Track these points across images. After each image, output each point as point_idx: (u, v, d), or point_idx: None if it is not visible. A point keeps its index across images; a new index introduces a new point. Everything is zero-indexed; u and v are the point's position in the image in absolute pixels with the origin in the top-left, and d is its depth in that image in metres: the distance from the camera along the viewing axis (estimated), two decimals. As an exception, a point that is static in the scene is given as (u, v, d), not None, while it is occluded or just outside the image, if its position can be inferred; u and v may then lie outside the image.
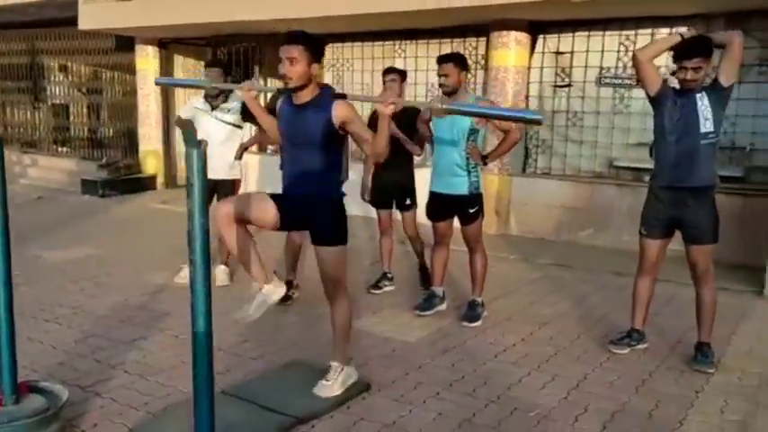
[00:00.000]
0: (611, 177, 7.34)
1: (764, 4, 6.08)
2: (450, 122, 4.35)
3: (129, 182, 10.67)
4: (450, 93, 4.29)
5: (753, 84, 6.39)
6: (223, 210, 3.13)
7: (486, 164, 4.50)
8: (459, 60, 4.36)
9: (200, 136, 5.35)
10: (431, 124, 4.62)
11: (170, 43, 10.85)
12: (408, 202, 5.21)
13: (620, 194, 7.03)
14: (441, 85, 4.36)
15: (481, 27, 7.73)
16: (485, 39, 7.82)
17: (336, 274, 3.35)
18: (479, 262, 4.60)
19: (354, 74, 9.19)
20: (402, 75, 5.14)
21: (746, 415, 3.29)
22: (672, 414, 3.27)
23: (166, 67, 10.93)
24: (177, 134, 11.26)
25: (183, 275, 5.46)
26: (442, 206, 4.55)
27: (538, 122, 3.15)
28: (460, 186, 4.42)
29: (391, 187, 5.17)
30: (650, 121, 6.90)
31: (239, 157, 5.35)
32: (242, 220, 3.14)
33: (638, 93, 7.09)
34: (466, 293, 4.99)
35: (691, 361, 3.90)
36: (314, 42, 3.23)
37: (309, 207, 3.28)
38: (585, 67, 7.42)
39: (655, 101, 3.91)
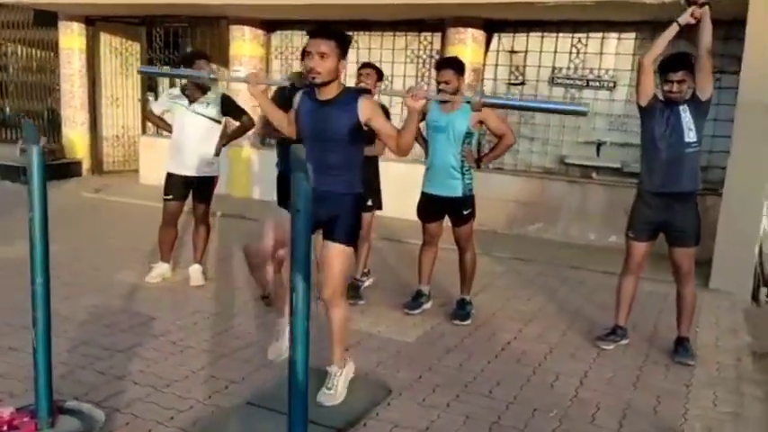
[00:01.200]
0: (561, 174, 7.67)
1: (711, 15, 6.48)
2: (447, 125, 4.41)
3: (54, 168, 9.95)
4: (449, 97, 4.32)
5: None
6: (263, 246, 3.06)
7: (479, 167, 4.60)
8: (458, 66, 4.42)
9: (176, 130, 5.22)
10: (423, 124, 4.66)
11: (98, 20, 10.23)
12: (369, 203, 4.99)
13: (570, 190, 7.37)
14: (440, 91, 4.39)
15: (437, 22, 7.82)
16: (440, 34, 7.92)
17: (342, 276, 3.31)
18: (470, 261, 4.72)
19: (303, 62, 9.02)
20: (379, 73, 5.07)
21: (737, 406, 3.59)
22: (674, 409, 3.51)
23: (93, 46, 10.33)
24: (104, 117, 10.70)
25: (155, 275, 5.25)
26: (434, 207, 4.62)
27: (583, 114, 3.30)
28: (455, 188, 4.50)
29: None
30: (598, 121, 7.42)
31: (218, 153, 5.15)
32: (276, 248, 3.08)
33: (589, 93, 7.47)
34: (445, 290, 5.12)
35: (672, 354, 4.20)
36: (344, 38, 3.20)
37: (334, 204, 3.24)
38: (539, 66, 7.69)
39: (644, 111, 4.14)
